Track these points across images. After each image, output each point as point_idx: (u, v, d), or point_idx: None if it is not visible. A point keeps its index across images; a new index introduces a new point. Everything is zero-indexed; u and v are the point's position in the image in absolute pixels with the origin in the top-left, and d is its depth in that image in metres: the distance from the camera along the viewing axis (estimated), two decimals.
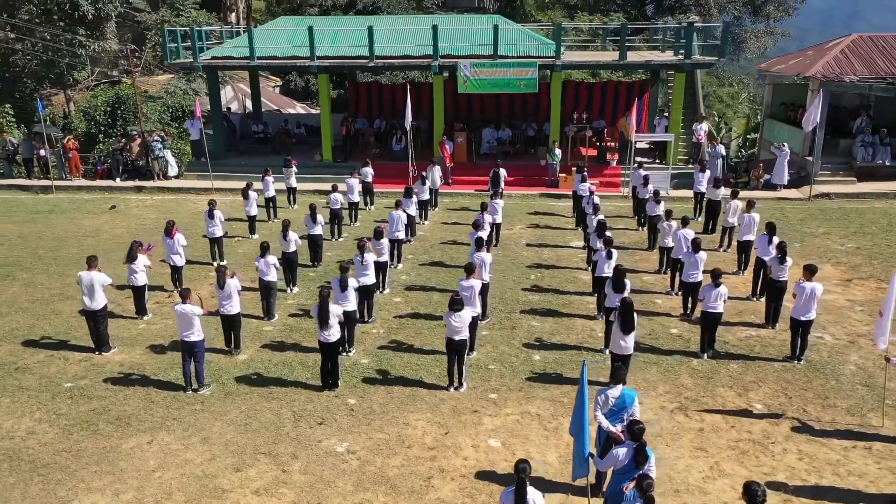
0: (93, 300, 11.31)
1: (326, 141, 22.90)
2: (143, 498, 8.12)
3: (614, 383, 7.86)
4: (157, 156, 22.60)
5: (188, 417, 9.76)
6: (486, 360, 11.30)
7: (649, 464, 6.88)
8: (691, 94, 24.07)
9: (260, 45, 22.28)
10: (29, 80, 32.11)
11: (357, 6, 47.15)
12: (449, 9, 62.29)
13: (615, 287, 11.06)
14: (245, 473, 8.55)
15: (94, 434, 9.39)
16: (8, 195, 22.30)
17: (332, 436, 9.32)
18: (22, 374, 10.99)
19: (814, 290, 10.76)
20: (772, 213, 19.36)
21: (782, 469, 8.59)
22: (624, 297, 10.27)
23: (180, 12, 33.54)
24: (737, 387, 10.49)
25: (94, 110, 27.55)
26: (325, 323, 10.06)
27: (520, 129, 24.62)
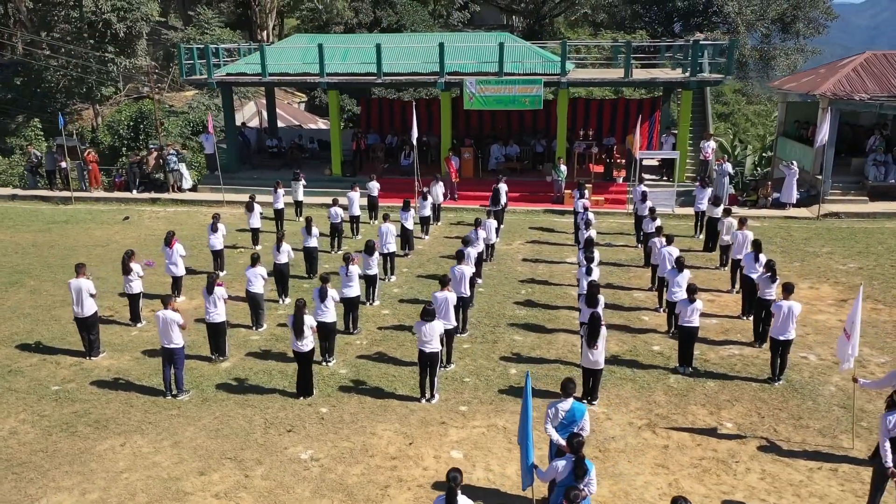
0: (81, 307, 11.71)
1: (336, 156, 23.31)
2: (108, 498, 8.39)
3: (565, 397, 7.91)
4: (172, 169, 23.25)
5: (163, 422, 10.04)
6: (463, 373, 11.39)
7: (589, 477, 6.90)
8: (701, 111, 23.95)
9: (273, 62, 22.83)
10: (59, 95, 33.32)
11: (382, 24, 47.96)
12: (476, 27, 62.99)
13: (587, 302, 11.08)
14: (209, 477, 8.77)
15: (71, 435, 9.72)
16: (29, 205, 23.13)
17: (298, 443, 9.50)
18: (14, 376, 11.42)
19: (791, 308, 10.65)
20: (777, 231, 19.19)
21: (742, 488, 8.52)
22: (593, 311, 10.30)
23: (205, 30, 34.54)
24: (710, 405, 10.41)
25: (118, 125, 28.54)
26: (299, 333, 10.28)
27: (528, 146, 24.73)
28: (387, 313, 13.92)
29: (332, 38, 25.65)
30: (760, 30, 52.50)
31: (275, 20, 46.78)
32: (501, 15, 61.89)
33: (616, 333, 12.88)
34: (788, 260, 16.73)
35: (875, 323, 13.13)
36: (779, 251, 17.40)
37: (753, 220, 20.22)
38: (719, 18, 49.87)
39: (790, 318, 10.66)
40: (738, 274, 14.67)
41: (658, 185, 21.92)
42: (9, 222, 20.99)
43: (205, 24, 34.94)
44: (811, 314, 13.57)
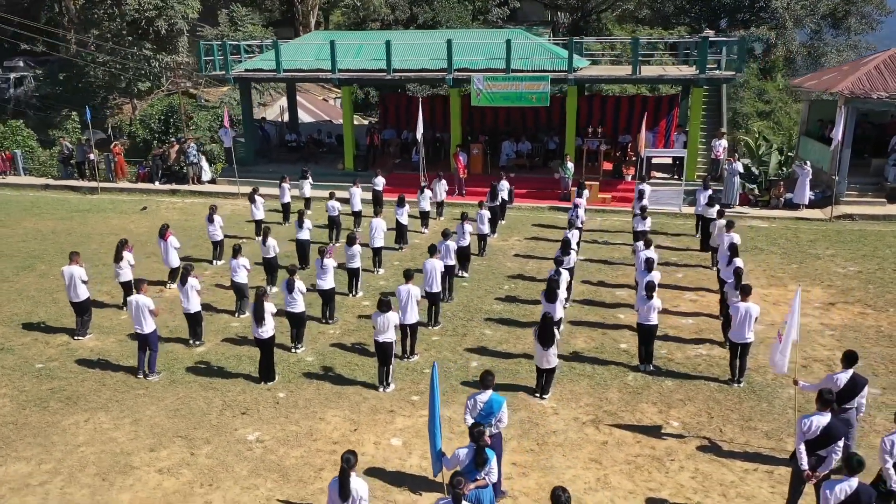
0: (74, 292, 12.37)
1: (349, 150, 23.74)
2: (61, 468, 8.93)
3: (483, 389, 8.06)
4: (192, 161, 24.07)
5: (129, 400, 10.57)
6: (424, 364, 11.61)
7: (490, 466, 7.07)
8: (716, 109, 23.49)
9: (290, 58, 23.40)
10: (100, 90, 34.75)
11: (418, 20, 48.30)
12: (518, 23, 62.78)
13: (546, 296, 11.16)
14: (157, 454, 9.24)
15: (42, 410, 10.34)
16: (59, 195, 24.30)
17: (249, 425, 9.89)
18: (4, 354, 12.16)
19: (748, 310, 10.51)
20: (784, 232, 18.77)
21: (671, 486, 8.52)
22: (545, 311, 10.38)
23: (238, 27, 35.48)
24: (661, 403, 10.39)
25: (150, 119, 29.63)
26: (259, 320, 10.67)
27: (541, 143, 24.69)
28: (367, 304, 14.22)
29: (347, 35, 26.13)
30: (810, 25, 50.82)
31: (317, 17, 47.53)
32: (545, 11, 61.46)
33: (587, 330, 12.92)
34: (787, 262, 16.38)
35: (858, 327, 12.81)
36: (780, 252, 17.06)
37: (762, 221, 19.87)
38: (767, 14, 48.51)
39: (747, 320, 10.53)
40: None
41: (668, 183, 21.64)
42: (36, 210, 22.12)
43: (238, 21, 35.87)
44: None
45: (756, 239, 18.17)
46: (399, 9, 48.54)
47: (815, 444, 7.37)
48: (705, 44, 20.17)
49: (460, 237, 15.29)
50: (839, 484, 6.40)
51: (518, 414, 10.13)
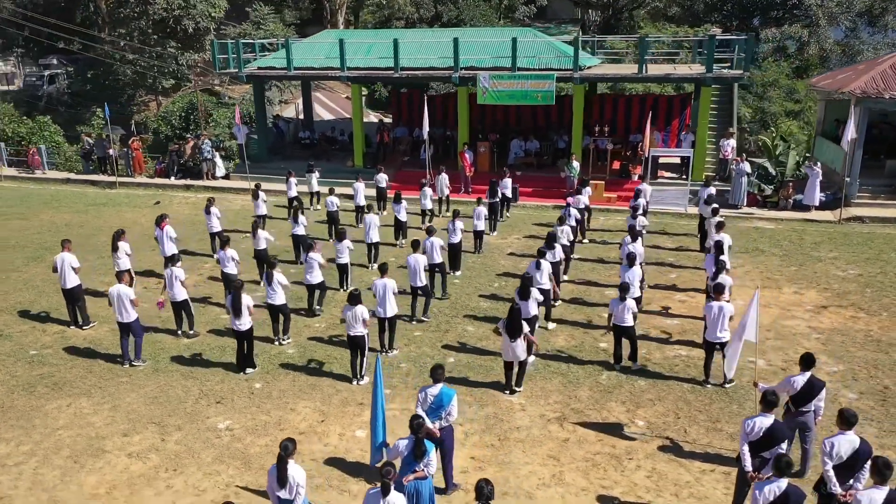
0: (65, 280, 12.83)
1: (358, 147, 24.02)
2: (37, 450, 9.32)
3: (434, 382, 8.19)
4: (206, 157, 24.59)
5: (112, 387, 10.95)
6: (402, 359, 11.77)
7: (428, 458, 7.20)
8: (728, 108, 23.14)
9: (302, 56, 23.75)
10: (126, 88, 35.68)
11: (442, 19, 48.41)
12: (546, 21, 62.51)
13: (519, 293, 11.22)
14: (130, 438, 9.57)
15: (30, 395, 10.77)
16: (78, 188, 25.05)
17: (221, 414, 10.17)
18: (3, 340, 12.67)
19: (722, 309, 10.44)
20: (788, 234, 18.48)
21: (624, 485, 8.55)
22: (512, 304, 10.46)
23: (260, 25, 36.10)
24: (630, 403, 10.38)
25: (171, 115, 30.32)
26: (237, 312, 10.95)
27: (551, 141, 24.65)
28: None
29: (358, 34, 26.44)
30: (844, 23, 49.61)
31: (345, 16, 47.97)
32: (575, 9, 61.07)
33: (569, 328, 12.94)
34: (786, 264, 16.14)
35: (847, 331, 12.59)
36: (780, 254, 16.81)
37: (768, 223, 19.58)
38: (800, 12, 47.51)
39: (720, 319, 10.45)
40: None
41: (673, 183, 21.44)
42: (55, 203, 22.85)
43: (260, 20, 36.47)
44: (781, 319, 13.15)
45: (759, 240, 17.92)
46: (423, 7, 48.70)
47: (758, 446, 7.34)
48: (712, 42, 19.92)
49: (451, 234, 15.41)
50: (768, 485, 6.38)
51: (485, 409, 10.24)
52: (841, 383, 10.81)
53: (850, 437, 7.03)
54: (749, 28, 46.90)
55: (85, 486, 8.56)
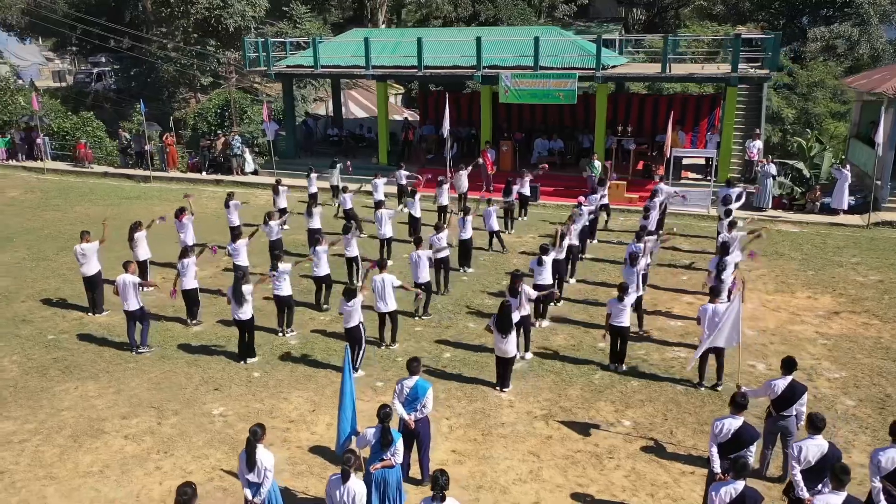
0: (85, 267, 13.39)
1: (382, 145, 24.31)
2: (41, 428, 9.79)
3: (410, 375, 8.34)
4: (236, 153, 25.21)
5: (119, 372, 11.39)
6: (399, 353, 11.94)
7: (394, 447, 7.35)
8: (756, 108, 22.64)
9: (330, 55, 24.15)
10: (168, 85, 36.74)
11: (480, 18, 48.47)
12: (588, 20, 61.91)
13: (509, 291, 11.28)
14: (128, 421, 9.97)
15: (42, 377, 11.28)
16: (115, 182, 25.94)
17: (218, 401, 10.51)
18: (25, 325, 13.28)
19: (715, 311, 10.30)
20: (812, 238, 18.06)
21: (601, 483, 8.56)
22: (503, 300, 10.54)
23: (297, 24, 36.71)
24: (619, 403, 10.35)
25: (207, 112, 31.12)
26: (238, 302, 11.28)
27: (575, 140, 24.53)
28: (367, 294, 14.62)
29: (386, 33, 26.77)
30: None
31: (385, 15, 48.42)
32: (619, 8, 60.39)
33: (570, 327, 12.93)
34: (804, 268, 15.79)
35: (856, 338, 12.29)
36: (799, 258, 16.45)
37: (793, 226, 19.16)
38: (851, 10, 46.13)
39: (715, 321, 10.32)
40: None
41: (697, 184, 21.12)
42: (91, 196, 23.73)
43: (297, 19, 37.10)
44: (790, 324, 12.91)
45: (779, 244, 17.56)
46: (461, 6, 48.82)
47: (727, 448, 7.29)
48: (737, 42, 19.56)
49: (462, 231, 15.53)
50: (725, 486, 6.34)
51: (474, 404, 10.35)
52: (840, 390, 10.58)
53: (818, 442, 6.93)
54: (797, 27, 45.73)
55: (80, 465, 8.96)
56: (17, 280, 15.66)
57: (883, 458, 6.72)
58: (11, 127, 29.88)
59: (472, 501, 8.26)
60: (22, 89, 33.69)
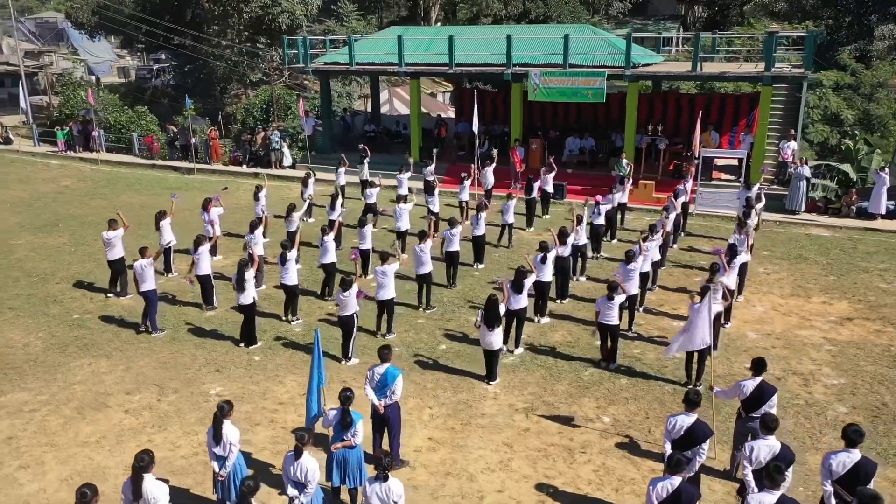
0: (111, 253, 14.18)
1: (415, 141, 24.65)
2: (51, 400, 10.48)
3: (381, 362, 8.62)
4: (274, 147, 25.99)
5: (131, 351, 12.05)
6: (396, 343, 12.21)
7: (354, 428, 7.64)
8: (794, 108, 21.96)
9: (365, 52, 24.65)
10: (219, 81, 38.05)
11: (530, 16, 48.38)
12: (646, 18, 60.84)
13: (513, 287, 11.40)
14: (131, 397, 10.57)
15: (62, 353, 12.03)
16: (161, 174, 27.09)
17: (216, 381, 11.02)
18: (55, 305, 14.14)
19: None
20: (842, 243, 17.52)
21: (569, 476, 8.66)
22: (491, 294, 10.70)
23: (343, 22, 37.49)
24: (604, 400, 10.38)
25: (253, 108, 32.13)
26: (240, 288, 11.78)
27: (608, 139, 24.33)
28: (374, 285, 14.99)
29: (422, 31, 27.07)
30: None
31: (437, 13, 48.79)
32: (678, 6, 59.25)
33: (570, 324, 12.99)
34: (826, 273, 15.36)
35: (865, 345, 11.94)
36: (824, 263, 16.00)
37: (825, 230, 18.61)
38: None
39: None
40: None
41: (728, 185, 20.69)
42: (137, 186, 24.87)
43: (344, 17, 37.87)
44: (799, 328, 12.63)
45: (806, 248, 17.10)
46: (511, 4, 48.78)
47: (680, 445, 7.30)
48: (771, 40, 19.06)
49: (475, 227, 15.72)
50: (661, 482, 6.39)
51: (459, 395, 10.55)
52: (836, 396, 10.35)
53: (769, 442, 6.88)
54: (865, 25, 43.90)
55: (80, 434, 9.58)
56: (55, 263, 16.64)
57: (834, 462, 6.64)
58: (72, 120, 31.49)
59: (439, 487, 8.49)
60: (83, 84, 35.36)
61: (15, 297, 14.53)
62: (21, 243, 18.17)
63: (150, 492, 6.48)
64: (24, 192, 23.98)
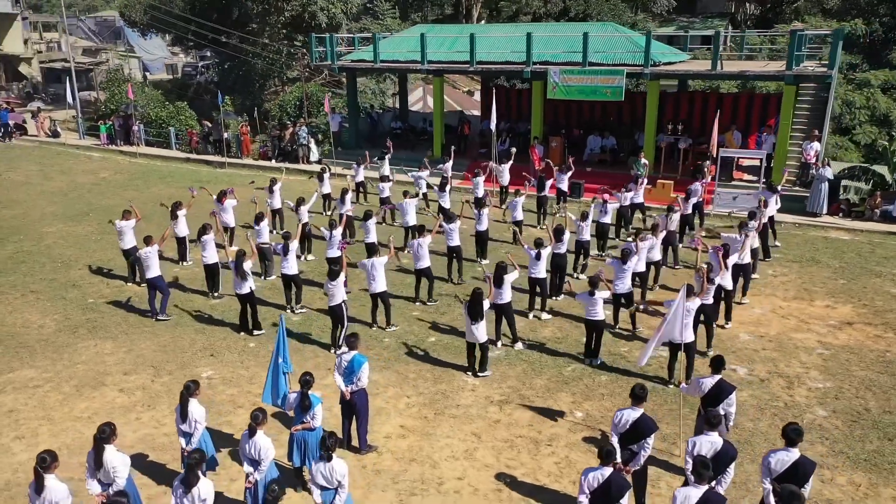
0: (122, 241, 14.85)
1: (437, 138, 24.90)
2: (54, 377, 11.11)
3: (349, 349, 8.90)
4: (302, 143, 26.60)
5: (135, 335, 12.64)
6: (388, 335, 12.51)
7: (313, 411, 7.95)
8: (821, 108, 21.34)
9: (390, 50, 25.02)
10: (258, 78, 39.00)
11: (570, 13, 48.14)
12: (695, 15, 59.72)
13: (494, 281, 11.55)
14: (128, 377, 11.12)
15: (72, 334, 12.70)
16: (194, 167, 28.00)
17: (210, 365, 11.49)
18: (73, 289, 14.88)
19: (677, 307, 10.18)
20: (860, 246, 17.08)
21: (529, 467, 8.81)
22: (475, 287, 10.88)
23: (379, 20, 37.99)
24: (580, 395, 10.46)
25: (287, 104, 32.90)
26: (241, 277, 12.23)
27: (632, 138, 24.14)
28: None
29: (445, 29, 27.24)
30: None
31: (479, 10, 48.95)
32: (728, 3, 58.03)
33: (562, 321, 13.08)
34: (835, 277, 15.03)
35: (860, 350, 11.70)
36: (835, 266, 15.65)
37: (845, 234, 18.15)
38: None
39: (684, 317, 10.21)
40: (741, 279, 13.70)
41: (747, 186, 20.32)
42: (169, 179, 25.78)
43: (380, 14, 38.37)
44: (795, 331, 12.44)
45: (821, 250, 16.73)
46: (551, 2, 48.61)
47: (626, 439, 7.38)
48: (794, 38, 18.65)
49: (478, 223, 15.89)
50: (593, 472, 6.51)
51: (438, 386, 10.77)
52: (818, 400, 10.21)
53: (711, 438, 6.92)
54: None
55: (75, 410, 10.16)
56: (80, 250, 17.48)
57: (773, 461, 6.64)
58: (114, 115, 32.77)
59: (401, 472, 8.74)
60: (127, 81, 36.71)
61: (39, 281, 15.35)
62: (52, 231, 19.12)
63: (109, 461, 6.90)
64: (63, 182, 25.13)
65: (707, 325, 11.55)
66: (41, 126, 34.16)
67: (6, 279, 15.50)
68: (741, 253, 13.26)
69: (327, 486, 6.87)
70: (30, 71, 55.62)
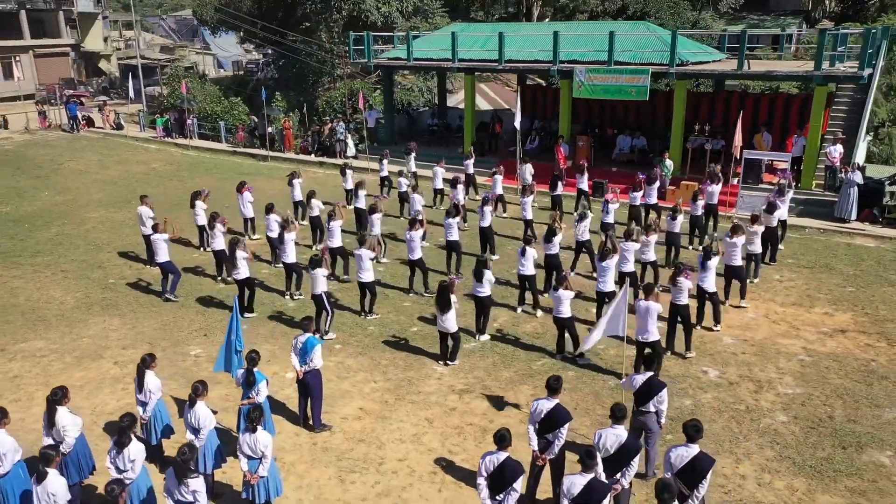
0: (142, 227, 15.83)
1: (468, 136, 25.20)
2: (59, 348, 12.08)
3: (303, 332, 9.39)
4: (339, 138, 27.40)
5: (142, 314, 13.53)
6: (372, 323, 12.97)
7: (257, 387, 8.47)
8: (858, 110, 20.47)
9: (424, 48, 25.50)
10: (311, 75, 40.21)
11: (627, 11, 47.51)
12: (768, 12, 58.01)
13: (474, 275, 11.83)
14: (125, 351, 11.98)
15: (86, 311, 13.72)
16: (240, 160, 29.22)
17: (200, 344, 12.23)
18: (98, 270, 16.00)
19: (649, 308, 10.24)
20: (882, 255, 16.44)
21: (471, 452, 9.09)
22: (442, 280, 11.20)
23: (428, 18, 38.51)
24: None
25: (333, 100, 33.86)
26: (233, 264, 12.93)
27: (664, 138, 23.77)
28: (381, 270, 15.80)
29: (478, 28, 27.49)
30: None
31: (541, 9, 48.96)
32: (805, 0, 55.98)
33: (545, 316, 13.17)
34: (844, 284, 14.57)
35: (845, 358, 11.40)
36: (847, 274, 15.16)
37: (871, 241, 17.50)
38: None
39: (648, 316, 10.26)
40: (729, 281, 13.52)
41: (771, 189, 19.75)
42: (214, 171, 27.04)
43: (430, 13, 38.89)
44: (782, 337, 12.21)
45: (838, 257, 16.20)
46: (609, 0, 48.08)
47: (542, 428, 7.58)
48: (822, 37, 18.04)
49: (481, 219, 16.15)
50: (489, 456, 6.79)
51: (406, 373, 11.15)
52: (782, 406, 10.06)
53: (616, 432, 7.05)
54: None
55: (71, 379, 11.03)
56: (114, 234, 18.69)
57: (673, 456, 6.74)
58: (173, 109, 34.51)
59: (347, 451, 9.17)
60: (185, 76, 38.49)
61: (70, 262, 16.55)
62: (94, 216, 20.48)
63: (60, 421, 7.61)
64: (117, 171, 26.74)
65: (685, 326, 11.49)
66: (107, 119, 36.31)
67: (43, 259, 16.79)
68: (733, 255, 13.13)
69: (252, 455, 7.37)
70: (108, 67, 58.94)
